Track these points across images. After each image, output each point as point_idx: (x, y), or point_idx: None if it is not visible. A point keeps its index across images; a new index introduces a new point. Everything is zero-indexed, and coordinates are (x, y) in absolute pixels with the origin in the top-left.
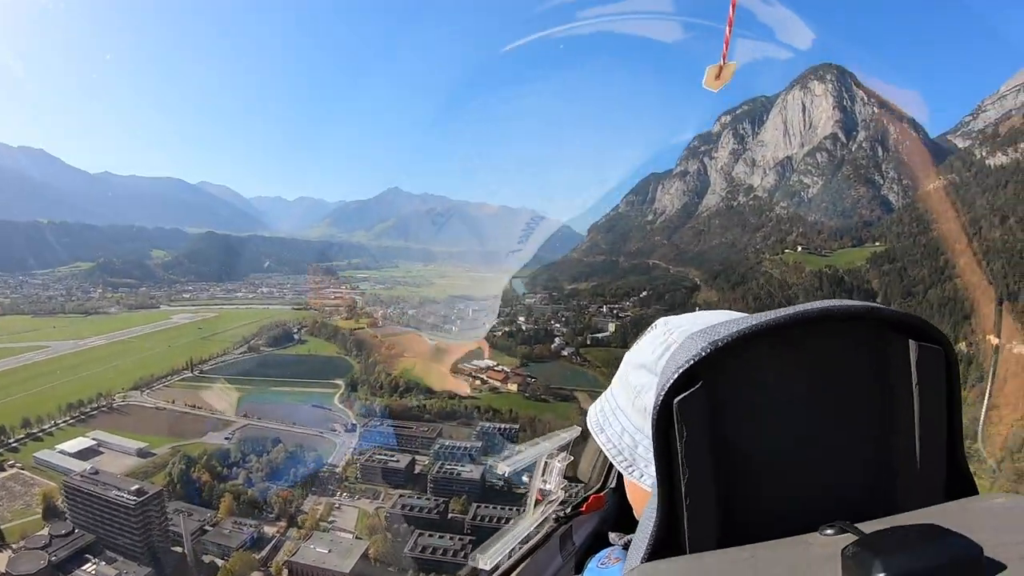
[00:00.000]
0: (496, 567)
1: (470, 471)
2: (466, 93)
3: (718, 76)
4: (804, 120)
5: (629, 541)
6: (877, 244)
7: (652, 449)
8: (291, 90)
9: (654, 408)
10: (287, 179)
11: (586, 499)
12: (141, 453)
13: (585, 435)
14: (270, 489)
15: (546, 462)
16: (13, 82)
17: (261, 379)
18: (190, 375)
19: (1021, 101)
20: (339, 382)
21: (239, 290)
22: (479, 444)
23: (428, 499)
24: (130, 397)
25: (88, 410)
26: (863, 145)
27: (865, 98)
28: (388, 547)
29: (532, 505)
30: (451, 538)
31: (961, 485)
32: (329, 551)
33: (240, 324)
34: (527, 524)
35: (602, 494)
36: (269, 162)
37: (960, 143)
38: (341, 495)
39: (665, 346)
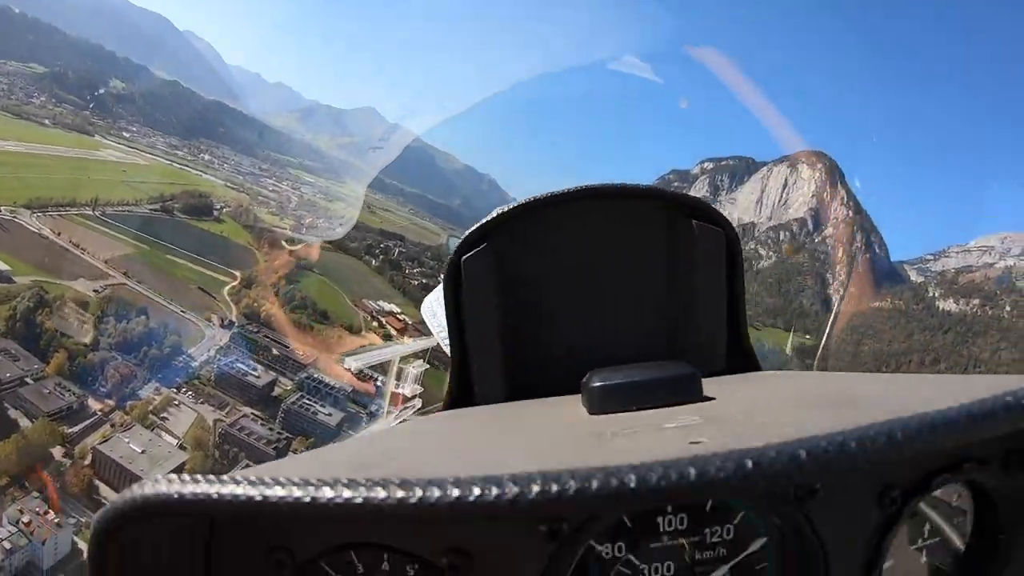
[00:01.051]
0: None
1: (328, 415)
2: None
3: None
4: (781, 196)
5: None
6: (807, 337)
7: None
8: None
9: (445, 267)
10: (273, 59)
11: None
12: None
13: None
14: (114, 360)
15: (400, 368)
16: None
17: (160, 242)
18: (90, 212)
19: (984, 262)
20: (237, 273)
21: (181, 148)
22: (349, 389)
23: (271, 429)
24: (18, 213)
25: None
26: (827, 241)
27: (845, 198)
28: (207, 470)
29: (386, 406)
30: None
31: (743, 362)
32: (143, 452)
33: (166, 181)
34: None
35: None
36: (263, 35)
37: (914, 276)
38: (185, 392)
39: None
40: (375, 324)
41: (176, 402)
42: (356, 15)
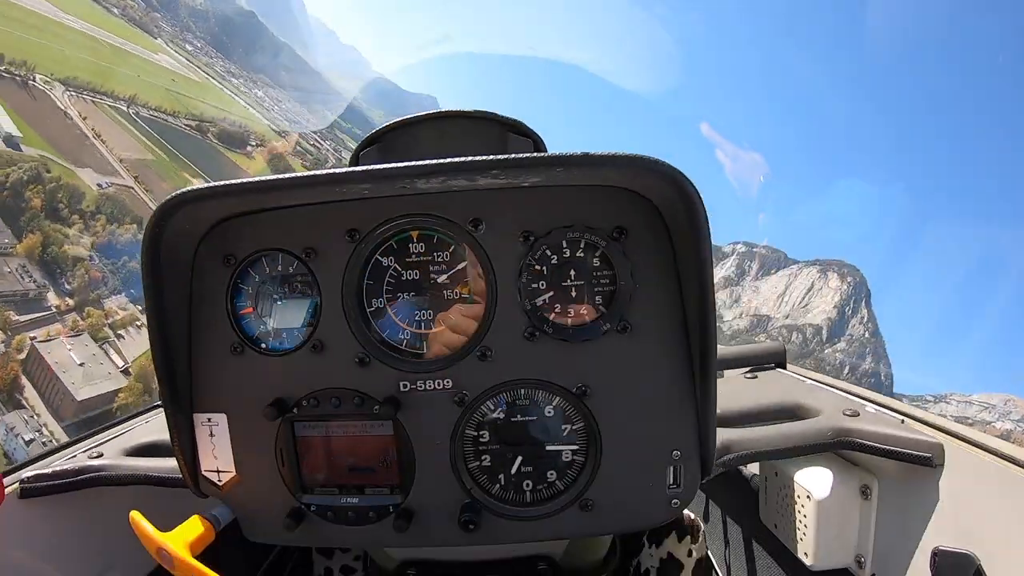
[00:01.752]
0: None
1: None
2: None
3: None
4: (804, 298)
5: None
6: None
7: None
8: None
9: (349, 159)
10: (355, 22)
11: None
12: (8, 140)
13: None
14: (89, 260)
15: None
16: None
17: (180, 157)
18: (123, 108)
19: (983, 418)
20: None
21: (239, 76)
22: None
23: None
24: (53, 87)
25: (4, 68)
26: (836, 355)
27: (864, 319)
28: (140, 405)
29: None
30: None
31: None
32: (82, 364)
33: (211, 103)
34: None
35: None
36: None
37: None
38: None
39: None
40: None
41: (139, 324)
42: (455, 11)
